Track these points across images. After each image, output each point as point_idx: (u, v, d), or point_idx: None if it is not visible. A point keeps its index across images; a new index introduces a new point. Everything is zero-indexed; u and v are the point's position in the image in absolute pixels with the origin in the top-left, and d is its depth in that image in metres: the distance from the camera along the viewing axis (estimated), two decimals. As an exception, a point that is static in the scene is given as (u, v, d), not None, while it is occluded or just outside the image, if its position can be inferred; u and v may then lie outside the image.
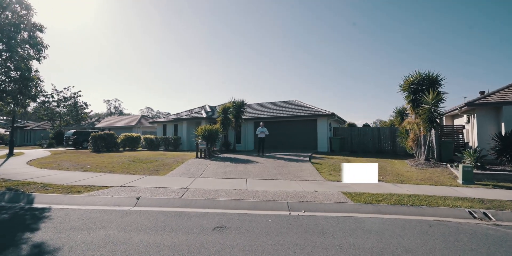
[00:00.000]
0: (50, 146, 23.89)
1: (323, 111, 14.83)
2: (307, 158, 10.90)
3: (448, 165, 8.86)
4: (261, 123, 11.79)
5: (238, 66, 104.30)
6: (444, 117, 13.52)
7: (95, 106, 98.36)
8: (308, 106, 16.31)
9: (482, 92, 18.57)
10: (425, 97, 9.18)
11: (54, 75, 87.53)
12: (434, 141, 10.37)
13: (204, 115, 16.15)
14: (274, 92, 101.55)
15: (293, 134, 15.68)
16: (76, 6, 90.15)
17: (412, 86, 10.07)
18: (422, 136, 9.89)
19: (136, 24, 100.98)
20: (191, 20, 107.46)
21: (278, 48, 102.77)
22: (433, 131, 9.85)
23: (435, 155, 10.32)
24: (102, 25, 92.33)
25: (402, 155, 14.08)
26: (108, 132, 17.01)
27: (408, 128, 11.02)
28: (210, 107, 19.54)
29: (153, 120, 19.99)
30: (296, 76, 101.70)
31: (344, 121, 18.85)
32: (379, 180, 7.31)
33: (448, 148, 10.53)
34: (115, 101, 69.47)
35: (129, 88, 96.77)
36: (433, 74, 9.87)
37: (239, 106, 15.12)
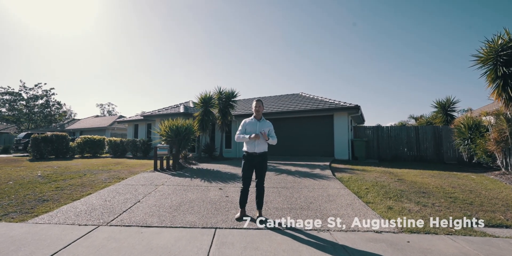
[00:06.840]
0: (3, 152, 19.90)
1: (341, 103, 10.85)
2: (328, 171, 6.92)
3: None
4: (254, 104, 3.43)
5: (238, 70, 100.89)
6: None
7: (90, 111, 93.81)
8: (321, 98, 12.34)
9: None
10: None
11: (52, 81, 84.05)
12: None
13: (182, 110, 12.12)
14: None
15: (301, 135, 11.69)
16: (75, 13, 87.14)
17: (501, 53, 6.18)
18: (524, 135, 5.96)
19: (135, 31, 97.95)
20: (191, 25, 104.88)
21: (280, 53, 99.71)
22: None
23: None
24: (102, 30, 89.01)
25: (453, 164, 10.08)
26: (58, 133, 13.01)
27: (486, 123, 7.08)
28: (194, 103, 15.51)
29: (121, 119, 15.97)
30: (297, 78, 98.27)
31: (363, 120, 14.90)
32: (505, 226, 3.46)
33: (557, 155, 6.56)
34: (108, 105, 65.33)
35: (125, 93, 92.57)
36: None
37: (227, 98, 11.21)
